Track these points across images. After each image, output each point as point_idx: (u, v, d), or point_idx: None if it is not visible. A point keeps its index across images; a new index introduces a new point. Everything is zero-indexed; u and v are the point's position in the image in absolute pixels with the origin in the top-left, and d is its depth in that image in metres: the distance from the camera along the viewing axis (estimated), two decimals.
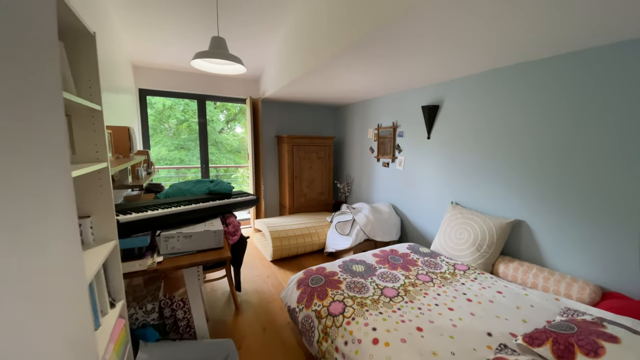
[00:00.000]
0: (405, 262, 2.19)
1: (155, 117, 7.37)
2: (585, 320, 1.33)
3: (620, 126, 1.61)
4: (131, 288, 1.98)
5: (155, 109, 7.28)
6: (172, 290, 2.24)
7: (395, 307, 1.60)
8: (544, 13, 1.32)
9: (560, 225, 1.89)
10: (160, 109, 7.33)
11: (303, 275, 2.00)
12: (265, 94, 3.65)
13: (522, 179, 2.10)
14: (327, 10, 2.03)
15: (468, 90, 2.49)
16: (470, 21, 1.41)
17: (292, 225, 3.23)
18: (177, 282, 2.28)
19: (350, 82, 2.82)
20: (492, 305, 1.62)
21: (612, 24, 1.40)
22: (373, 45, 1.76)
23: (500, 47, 1.76)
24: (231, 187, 2.26)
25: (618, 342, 1.13)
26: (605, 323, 1.29)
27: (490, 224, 2.15)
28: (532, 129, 2.03)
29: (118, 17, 2.43)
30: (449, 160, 2.71)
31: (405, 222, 3.28)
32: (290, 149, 3.80)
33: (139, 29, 2.62)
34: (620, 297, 1.62)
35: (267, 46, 3.05)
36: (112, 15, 2.38)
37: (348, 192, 4.33)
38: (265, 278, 2.73)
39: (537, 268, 1.89)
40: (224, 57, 1.75)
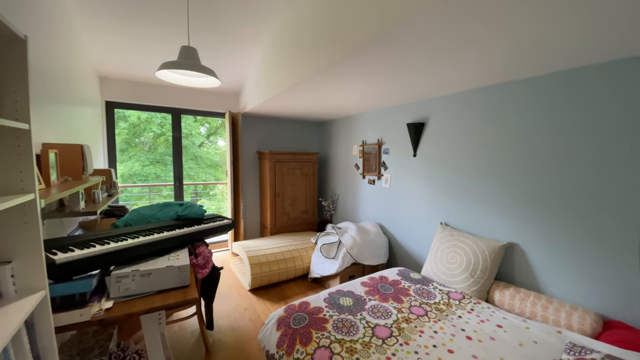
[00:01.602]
0: (396, 292, 2.00)
1: (130, 131, 6.97)
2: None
3: (616, 143, 1.55)
4: (76, 339, 1.66)
5: (129, 122, 6.89)
6: (128, 336, 1.92)
7: (390, 352, 1.40)
8: (525, 35, 1.24)
9: (555, 248, 1.79)
10: (136, 122, 6.95)
11: (284, 313, 1.76)
12: (245, 108, 3.47)
13: (515, 200, 2.01)
14: (308, 28, 1.90)
15: (454, 108, 2.42)
16: (454, 43, 1.32)
17: (273, 248, 2.98)
18: (135, 324, 1.96)
19: (333, 98, 2.70)
20: (493, 343, 1.45)
21: (589, 47, 1.35)
22: (354, 63, 1.64)
23: (485, 65, 1.69)
24: (203, 211, 2.01)
25: None
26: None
27: (482, 247, 2.02)
28: (525, 147, 1.96)
29: (82, 24, 2.19)
30: (436, 179, 2.61)
31: (393, 243, 3.12)
32: (272, 166, 3.59)
33: (106, 37, 2.39)
34: (622, 326, 1.51)
35: (247, 60, 2.89)
36: (74, 22, 2.14)
37: (333, 210, 4.15)
38: (243, 311, 2.44)
39: (534, 295, 1.77)
40: (193, 68, 1.56)
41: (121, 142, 6.76)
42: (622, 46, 1.36)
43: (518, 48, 1.43)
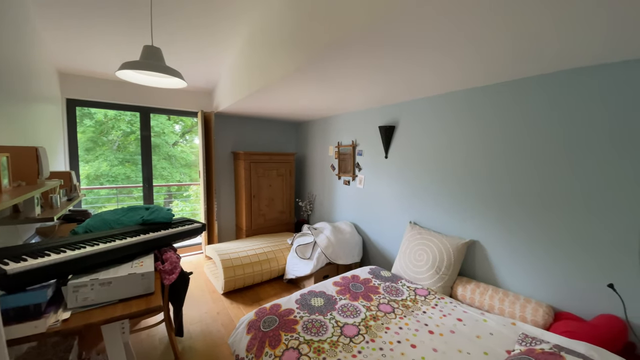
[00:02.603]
0: (366, 290, 2.06)
1: (96, 129, 6.61)
2: (544, 351, 1.30)
3: (569, 145, 1.70)
4: (34, 351, 1.57)
5: (95, 119, 6.54)
6: (92, 346, 1.85)
7: (356, 349, 1.45)
8: (488, 48, 1.33)
9: (511, 245, 1.93)
10: (102, 119, 6.60)
11: (254, 316, 1.76)
12: (219, 107, 3.41)
13: (476, 200, 2.13)
14: (279, 30, 1.91)
15: (421, 113, 2.52)
16: (422, 53, 1.39)
17: (248, 250, 2.96)
18: (98, 334, 1.88)
19: (306, 100, 2.73)
20: (453, 336, 1.54)
21: (534, 60, 1.47)
22: (324, 66, 1.68)
23: (453, 73, 1.79)
24: (170, 215, 1.97)
25: None
26: (563, 353, 1.26)
27: (447, 245, 2.13)
28: (482, 152, 2.08)
29: (40, 18, 2.06)
30: (406, 180, 2.71)
31: (367, 242, 3.21)
32: (248, 166, 3.56)
33: (67, 32, 2.26)
34: (572, 317, 1.66)
35: (220, 59, 2.84)
36: (31, 14, 2.01)
37: (310, 210, 4.18)
38: (215, 315, 2.41)
39: (492, 289, 1.89)
40: (156, 69, 1.52)
41: (87, 141, 6.40)
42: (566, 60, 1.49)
43: (479, 62, 1.53)
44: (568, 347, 1.34)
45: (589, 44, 1.31)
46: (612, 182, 1.52)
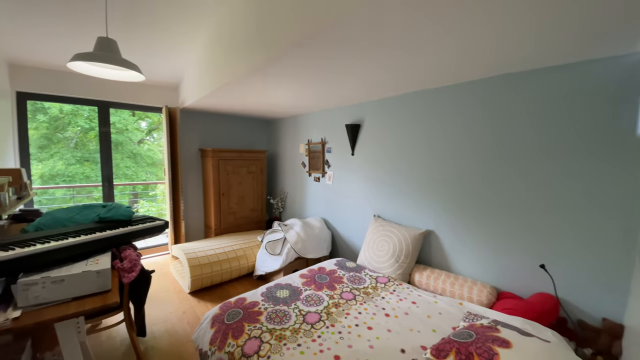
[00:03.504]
0: (331, 281, 2.16)
1: (51, 125, 6.16)
2: (482, 325, 1.46)
3: (508, 145, 1.89)
4: None
5: (50, 114, 6.10)
6: (46, 348, 1.78)
7: (316, 334, 1.53)
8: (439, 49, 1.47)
9: (462, 233, 2.12)
10: (57, 115, 6.17)
11: (219, 310, 1.79)
12: (184, 103, 3.35)
13: (429, 193, 2.31)
14: (241, 27, 1.94)
15: (383, 111, 2.67)
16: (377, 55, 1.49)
17: (216, 248, 2.95)
18: (54, 335, 1.81)
19: (273, 98, 2.77)
20: (407, 317, 1.68)
21: (485, 62, 1.64)
22: (286, 64, 1.74)
23: (408, 75, 1.92)
24: (130, 213, 1.93)
25: (510, 347, 1.25)
26: (499, 327, 1.43)
27: (406, 235, 2.28)
28: (438, 150, 2.25)
29: None
30: (371, 175, 2.84)
31: (335, 236, 3.32)
32: (216, 164, 3.53)
33: (15, 20, 2.12)
34: (511, 296, 1.86)
35: (185, 54, 2.80)
36: None
37: (282, 207, 4.22)
38: (181, 315, 2.39)
39: (445, 274, 2.07)
40: (110, 61, 1.50)
41: (40, 138, 5.96)
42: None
43: (432, 64, 1.66)
44: (504, 322, 1.52)
45: (522, 52, 1.49)
46: (539, 178, 1.73)
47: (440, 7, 1.10)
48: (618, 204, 1.49)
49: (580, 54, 1.50)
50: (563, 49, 1.46)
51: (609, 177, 1.52)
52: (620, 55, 1.47)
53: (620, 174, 1.48)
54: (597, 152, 1.55)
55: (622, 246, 1.49)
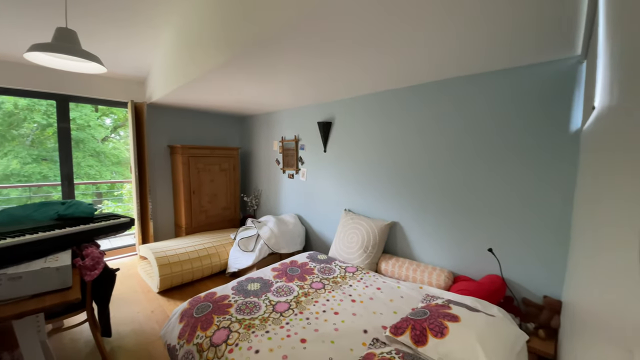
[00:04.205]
0: (302, 272, 2.24)
1: (4, 121, 5.71)
2: (437, 304, 1.61)
3: (463, 146, 2.07)
4: None
5: (3, 110, 5.65)
6: (5, 349, 1.70)
7: (284, 322, 1.60)
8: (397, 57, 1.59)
9: (424, 224, 2.29)
10: (12, 110, 5.73)
11: (188, 305, 1.81)
12: (152, 98, 3.27)
13: (395, 187, 2.46)
14: (209, 22, 1.96)
15: (353, 110, 2.80)
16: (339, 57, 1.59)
17: (187, 247, 2.93)
18: (14, 336, 1.74)
19: (243, 94, 2.80)
20: (371, 302, 1.80)
21: (440, 67, 1.80)
22: (255, 62, 1.79)
23: (373, 76, 2.04)
24: (92, 210, 1.89)
25: (458, 321, 1.40)
26: (451, 305, 1.58)
27: (373, 227, 2.42)
28: (403, 147, 2.41)
29: None
30: (342, 171, 2.96)
31: (309, 231, 3.40)
32: (186, 161, 3.48)
33: None
34: (466, 279, 2.04)
35: (151, 47, 2.74)
36: None
37: (256, 205, 4.24)
38: (149, 314, 2.37)
39: (408, 262, 2.23)
40: (69, 52, 1.47)
41: None
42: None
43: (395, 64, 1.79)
44: (456, 301, 1.68)
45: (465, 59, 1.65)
46: (486, 176, 1.92)
47: (396, 23, 1.22)
48: (554, 195, 1.70)
49: (517, 60, 1.70)
50: (503, 56, 1.65)
51: (547, 170, 1.72)
52: (555, 60, 1.67)
53: (558, 166, 1.69)
54: (535, 149, 1.75)
55: (558, 232, 1.70)
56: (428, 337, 1.33)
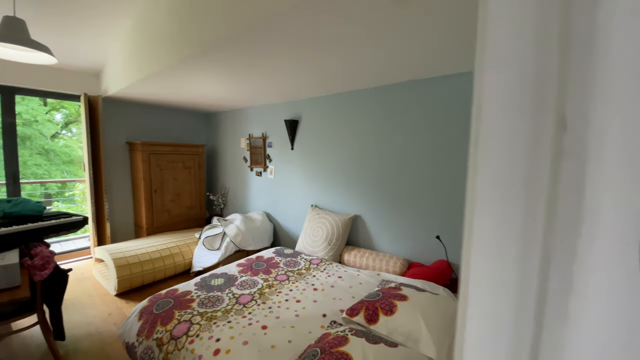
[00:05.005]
0: (268, 266, 2.31)
1: None
2: (390, 287, 1.77)
3: (412, 145, 2.27)
4: None
5: None
6: None
7: (247, 312, 1.68)
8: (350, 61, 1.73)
9: (383, 217, 2.47)
10: None
11: (147, 302, 1.81)
12: (107, 91, 3.15)
13: (357, 183, 2.64)
14: (169, 15, 1.97)
15: (317, 109, 2.94)
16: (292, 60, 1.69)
17: (147, 247, 2.87)
18: None
19: (203, 91, 2.81)
20: (332, 289, 1.93)
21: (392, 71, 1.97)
22: (209, 59, 1.85)
23: (332, 78, 2.19)
24: (40, 208, 1.82)
25: (406, 300, 1.56)
26: (402, 287, 1.75)
27: (337, 220, 2.56)
28: (362, 143, 2.58)
29: None
30: (309, 168, 3.08)
31: (277, 228, 3.47)
32: (147, 158, 3.39)
33: None
34: (419, 265, 2.25)
35: (107, 37, 2.65)
36: None
37: (223, 203, 4.22)
38: (106, 317, 2.30)
39: (369, 252, 2.40)
40: (15, 41, 1.43)
41: None
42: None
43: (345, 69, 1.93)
44: (407, 283, 1.86)
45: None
46: (430, 169, 2.14)
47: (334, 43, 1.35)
48: None
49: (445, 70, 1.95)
50: (432, 66, 1.90)
51: None
52: None
53: None
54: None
55: None
56: (379, 316, 1.48)
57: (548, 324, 0.18)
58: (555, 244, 0.18)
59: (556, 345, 0.18)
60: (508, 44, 0.18)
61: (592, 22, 0.16)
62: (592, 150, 0.16)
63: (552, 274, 0.18)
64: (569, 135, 0.17)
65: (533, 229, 0.18)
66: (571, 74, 0.17)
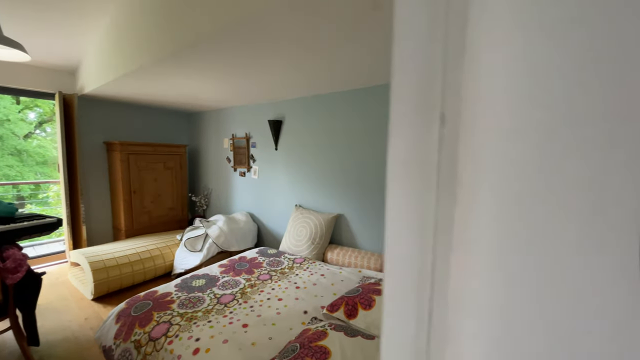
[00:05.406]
0: (250, 267, 2.33)
1: None
2: (370, 282, 1.83)
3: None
4: None
5: None
6: None
7: (228, 312, 1.69)
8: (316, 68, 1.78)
9: (362, 215, 2.56)
10: None
11: (125, 305, 1.79)
12: (84, 89, 3.07)
13: (339, 183, 2.70)
14: (149, 12, 1.96)
15: (300, 110, 2.99)
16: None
17: (126, 250, 2.82)
18: None
19: (186, 90, 2.80)
20: (314, 287, 1.97)
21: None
22: (191, 58, 1.85)
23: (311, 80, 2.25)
24: (12, 209, 1.78)
25: None
26: (381, 282, 1.81)
27: (321, 220, 2.61)
28: (342, 144, 2.65)
29: None
30: (293, 169, 3.11)
31: (261, 229, 3.48)
32: (126, 158, 3.32)
33: None
34: None
35: (84, 35, 2.59)
36: None
37: (206, 205, 4.18)
38: (83, 322, 2.25)
39: (351, 250, 2.46)
40: None
41: None
42: None
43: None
44: None
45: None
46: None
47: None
48: None
49: None
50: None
51: None
52: None
53: None
54: None
55: None
56: (358, 310, 1.53)
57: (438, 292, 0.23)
58: (442, 215, 0.22)
59: (444, 296, 0.23)
60: (409, 59, 0.23)
61: (462, 46, 0.21)
62: (461, 139, 0.21)
63: (438, 238, 0.23)
64: (447, 127, 0.22)
65: (429, 203, 0.23)
66: (448, 82, 0.21)
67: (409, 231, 0.24)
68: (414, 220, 0.24)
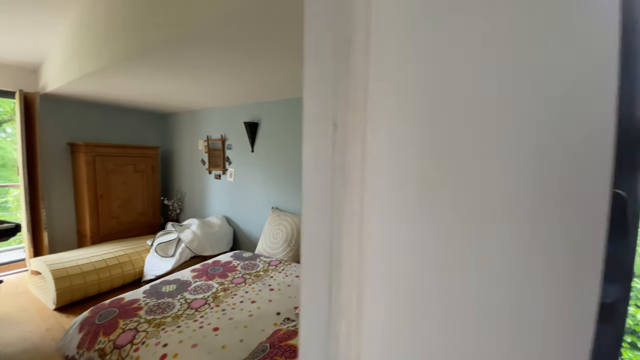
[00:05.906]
0: (224, 270, 2.32)
1: None
2: None
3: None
4: None
5: None
6: None
7: (199, 316, 1.69)
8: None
9: None
10: None
11: (89, 313, 1.74)
12: (46, 88, 2.95)
13: None
14: (107, 13, 1.93)
15: (275, 112, 3.03)
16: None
17: (92, 257, 2.72)
18: None
19: (153, 91, 2.76)
20: (288, 288, 2.00)
21: None
22: (153, 61, 1.85)
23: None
24: None
25: None
26: None
27: (297, 221, 2.64)
28: None
29: None
30: (269, 170, 3.13)
31: (237, 232, 3.46)
32: (91, 160, 3.21)
33: None
34: None
35: (47, 30, 2.49)
36: None
37: (179, 209, 4.10)
38: (44, 332, 2.15)
39: None
40: None
41: None
42: None
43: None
44: None
45: None
46: None
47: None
48: None
49: None
50: None
51: None
52: None
53: None
54: None
55: None
56: None
57: None
58: (336, 204, 0.28)
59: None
60: (314, 80, 0.28)
61: (349, 68, 0.26)
62: (349, 141, 0.26)
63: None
64: (338, 133, 0.27)
65: (329, 192, 0.28)
66: (339, 98, 0.26)
67: (316, 216, 0.29)
68: (318, 209, 0.29)
